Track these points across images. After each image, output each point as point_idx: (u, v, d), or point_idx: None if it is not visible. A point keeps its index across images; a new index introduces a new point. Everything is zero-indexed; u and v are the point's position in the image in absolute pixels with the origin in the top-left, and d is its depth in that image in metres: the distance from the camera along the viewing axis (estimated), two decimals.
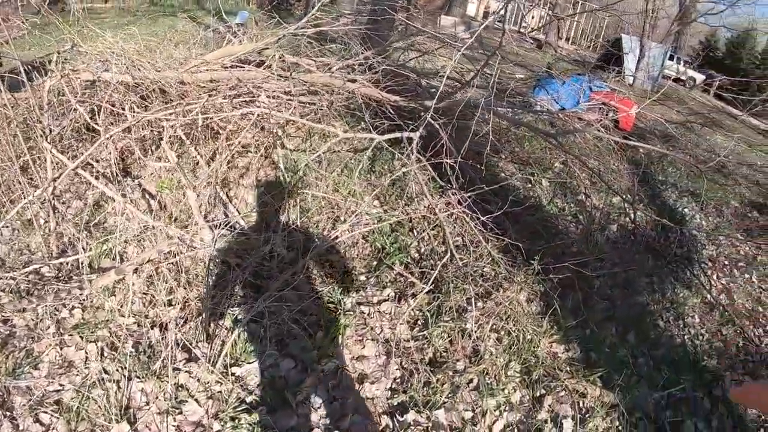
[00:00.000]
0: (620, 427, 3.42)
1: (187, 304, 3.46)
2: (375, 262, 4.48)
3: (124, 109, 4.29)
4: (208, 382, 2.97)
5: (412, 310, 3.92)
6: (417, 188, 4.93)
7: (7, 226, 3.91)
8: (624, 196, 5.88)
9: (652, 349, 4.36)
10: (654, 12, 20.55)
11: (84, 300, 3.38)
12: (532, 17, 27.69)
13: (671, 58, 23.89)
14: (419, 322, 3.87)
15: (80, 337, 3.11)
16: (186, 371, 3.03)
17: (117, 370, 2.91)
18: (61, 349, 3.04)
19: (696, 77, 25.58)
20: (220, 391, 2.93)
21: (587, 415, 3.46)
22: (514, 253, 4.71)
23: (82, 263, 3.54)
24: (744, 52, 29.79)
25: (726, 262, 6.34)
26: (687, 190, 8.50)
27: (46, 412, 2.68)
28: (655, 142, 10.60)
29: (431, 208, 4.64)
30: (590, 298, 4.65)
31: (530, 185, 6.56)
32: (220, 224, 3.99)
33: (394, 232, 4.77)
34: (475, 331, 3.75)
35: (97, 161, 4.37)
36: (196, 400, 2.88)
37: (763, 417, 4.00)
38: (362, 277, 4.30)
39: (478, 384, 3.46)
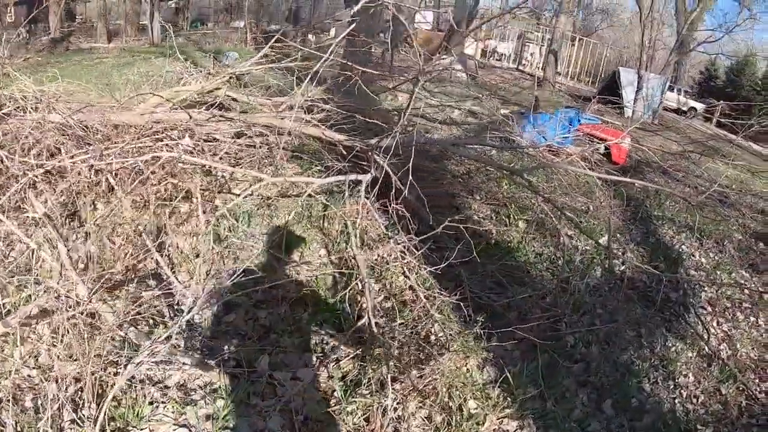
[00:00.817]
0: None
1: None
2: (306, 319, 3.95)
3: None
4: None
5: (332, 379, 3.39)
6: (360, 235, 4.41)
7: None
8: (598, 241, 5.25)
9: (633, 419, 3.71)
10: (651, 43, 20.21)
11: None
12: (531, 54, 27.53)
13: (671, 89, 23.47)
14: (336, 394, 3.30)
15: None
16: None
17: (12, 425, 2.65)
18: None
19: (696, 107, 25.10)
20: None
21: None
22: (470, 311, 4.12)
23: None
24: (744, 79, 29.31)
25: (728, 305, 5.67)
26: (685, 224, 7.86)
27: None
28: (651, 175, 10.04)
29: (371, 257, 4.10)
30: (561, 360, 4.02)
31: (505, 228, 5.97)
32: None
33: (335, 286, 4.23)
34: (395, 408, 3.17)
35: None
36: None
37: None
38: (285, 338, 3.78)
39: None
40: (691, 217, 8.16)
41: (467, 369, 3.82)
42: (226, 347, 3.51)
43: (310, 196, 4.75)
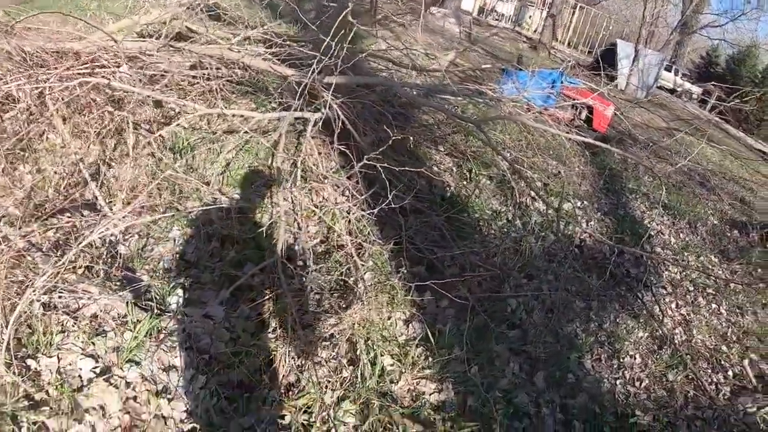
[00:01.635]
0: None
1: None
2: (231, 256, 3.59)
3: None
4: None
5: (246, 320, 3.09)
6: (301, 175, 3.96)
7: None
8: (549, 203, 4.79)
9: (566, 396, 3.32)
10: (654, 18, 19.55)
11: None
12: (530, 16, 26.72)
13: (668, 69, 22.89)
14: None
15: None
16: None
17: None
18: None
19: (693, 90, 24.55)
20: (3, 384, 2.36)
21: None
22: (411, 261, 3.70)
23: None
24: (744, 70, 28.71)
25: (691, 288, 5.29)
26: (660, 201, 7.46)
27: None
28: (633, 148, 9.59)
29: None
30: (496, 324, 3.60)
31: (465, 182, 5.50)
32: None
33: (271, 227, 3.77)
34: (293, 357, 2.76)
35: None
36: None
37: None
38: (207, 275, 3.40)
39: (290, 424, 2.53)
40: (667, 194, 7.78)
41: (391, 322, 3.40)
42: (145, 280, 3.19)
43: (264, 133, 4.33)
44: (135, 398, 2.58)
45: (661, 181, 5.96)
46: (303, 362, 2.94)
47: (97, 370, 2.60)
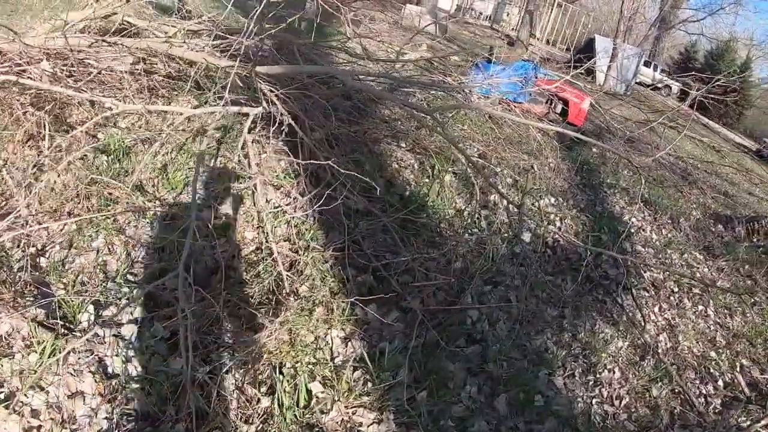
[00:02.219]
0: None
1: None
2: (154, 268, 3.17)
3: None
4: None
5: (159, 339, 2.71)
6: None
7: None
8: (509, 199, 4.32)
9: (532, 422, 2.85)
10: (632, 13, 19.28)
11: None
12: (508, 14, 26.47)
13: (647, 64, 22.65)
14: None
15: None
16: None
17: None
18: None
19: (672, 85, 24.33)
20: None
21: None
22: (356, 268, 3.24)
23: None
24: (723, 65, 28.54)
25: (675, 289, 4.85)
26: (640, 196, 7.04)
27: None
28: (612, 143, 9.19)
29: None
30: (451, 340, 3.13)
31: (427, 179, 5.03)
32: None
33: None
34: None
35: None
36: None
37: None
38: (124, 288, 2.98)
39: None
40: (649, 189, 7.37)
41: (326, 341, 2.92)
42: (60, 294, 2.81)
43: (203, 132, 3.94)
44: (39, 428, 2.31)
45: (641, 175, 5.51)
46: (213, 390, 2.46)
47: (1, 396, 2.35)
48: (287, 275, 3.07)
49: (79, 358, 2.56)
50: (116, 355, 2.62)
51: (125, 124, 4.34)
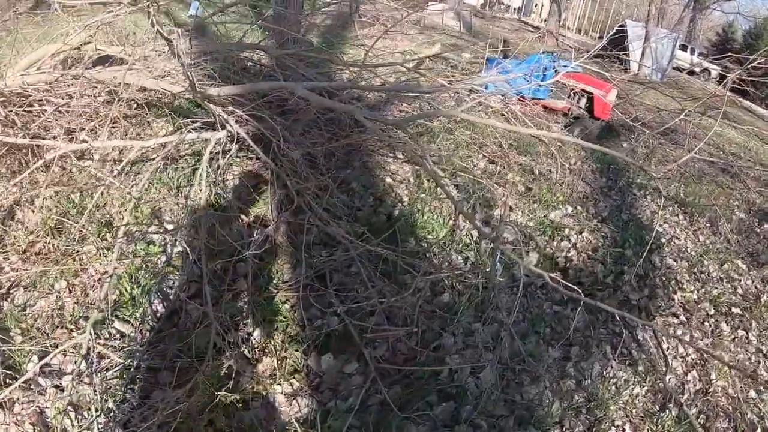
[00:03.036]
0: None
1: None
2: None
3: None
4: None
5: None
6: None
7: None
8: (481, 231, 3.69)
9: None
10: None
11: None
12: (536, 5, 25.68)
13: (683, 48, 21.49)
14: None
15: None
16: None
17: None
18: None
19: (711, 69, 23.04)
20: None
21: None
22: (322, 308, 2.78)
23: None
24: (762, 44, 26.97)
25: (710, 311, 4.19)
26: (674, 197, 6.34)
27: None
28: (643, 136, 8.45)
29: None
30: (425, 394, 2.60)
31: (423, 195, 4.50)
32: None
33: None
34: None
35: None
36: None
37: None
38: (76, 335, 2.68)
39: None
40: (684, 188, 6.66)
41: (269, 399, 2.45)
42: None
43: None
44: None
45: (657, 178, 4.80)
46: None
47: None
48: (211, 315, 2.57)
49: (22, 408, 2.37)
50: (54, 408, 2.39)
51: (98, 156, 4.01)
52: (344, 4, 6.38)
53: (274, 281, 3.17)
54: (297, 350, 2.74)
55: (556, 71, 7.60)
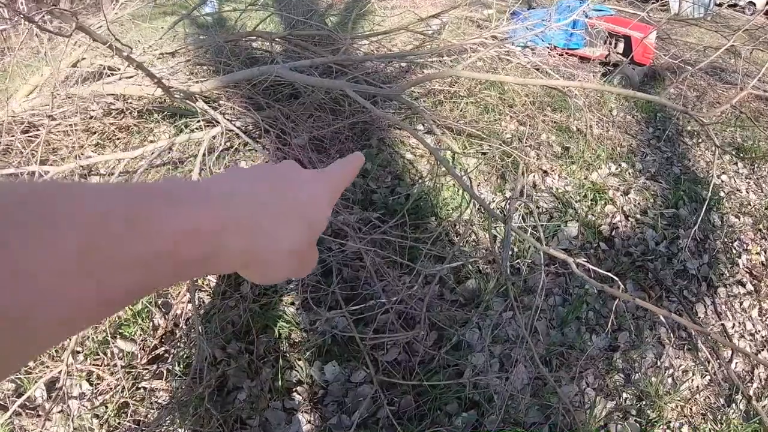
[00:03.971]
0: None
1: None
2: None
3: None
4: None
5: None
6: None
7: None
8: (493, 214, 3.19)
9: None
10: None
11: None
12: None
13: None
14: None
15: None
16: None
17: None
18: None
19: (756, 1, 21.41)
20: None
21: None
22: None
23: None
24: None
25: None
26: (730, 143, 5.72)
27: None
28: (692, 78, 7.73)
29: None
30: (447, 400, 2.23)
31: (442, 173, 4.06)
32: None
33: None
34: None
35: None
36: None
37: None
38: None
39: None
40: (742, 129, 6.00)
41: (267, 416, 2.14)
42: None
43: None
44: None
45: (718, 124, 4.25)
46: None
47: None
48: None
49: None
50: None
51: (104, 170, 3.75)
52: None
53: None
54: (300, 359, 2.40)
55: (587, 16, 6.96)
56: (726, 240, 3.83)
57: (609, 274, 2.10)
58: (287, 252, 0.39)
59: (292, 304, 2.72)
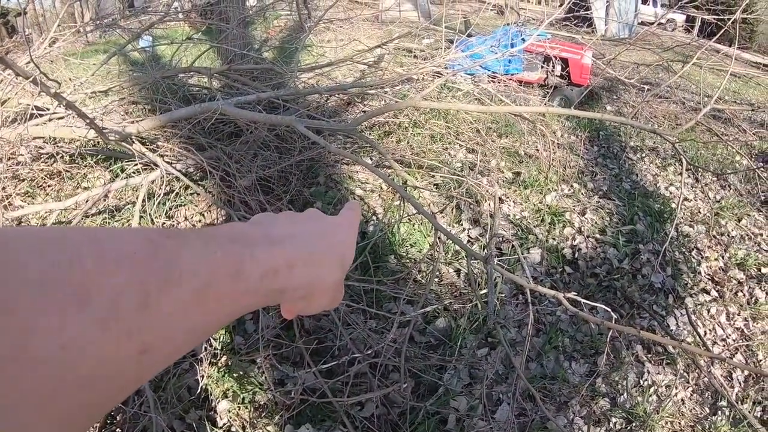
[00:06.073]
0: None
1: None
2: None
3: None
4: None
5: None
6: None
7: None
8: (472, 254, 3.15)
9: None
10: None
11: None
12: None
13: (645, 1, 21.07)
14: None
15: None
16: None
17: None
18: None
19: (676, 18, 22.65)
20: None
21: None
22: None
23: None
24: None
25: (741, 277, 3.69)
26: (672, 154, 5.85)
27: None
28: (626, 95, 7.98)
29: None
30: None
31: (399, 202, 3.98)
32: None
33: None
34: None
35: None
36: None
37: None
38: None
39: None
40: (680, 141, 6.14)
41: None
42: None
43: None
44: None
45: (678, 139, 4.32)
46: None
47: None
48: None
49: None
50: None
51: (36, 221, 3.48)
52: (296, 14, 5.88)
53: (234, 341, 2.65)
54: (268, 424, 2.23)
55: (523, 41, 7.10)
56: (684, 250, 3.86)
57: (604, 306, 2.02)
58: (331, 285, 0.45)
59: (253, 362, 2.55)
